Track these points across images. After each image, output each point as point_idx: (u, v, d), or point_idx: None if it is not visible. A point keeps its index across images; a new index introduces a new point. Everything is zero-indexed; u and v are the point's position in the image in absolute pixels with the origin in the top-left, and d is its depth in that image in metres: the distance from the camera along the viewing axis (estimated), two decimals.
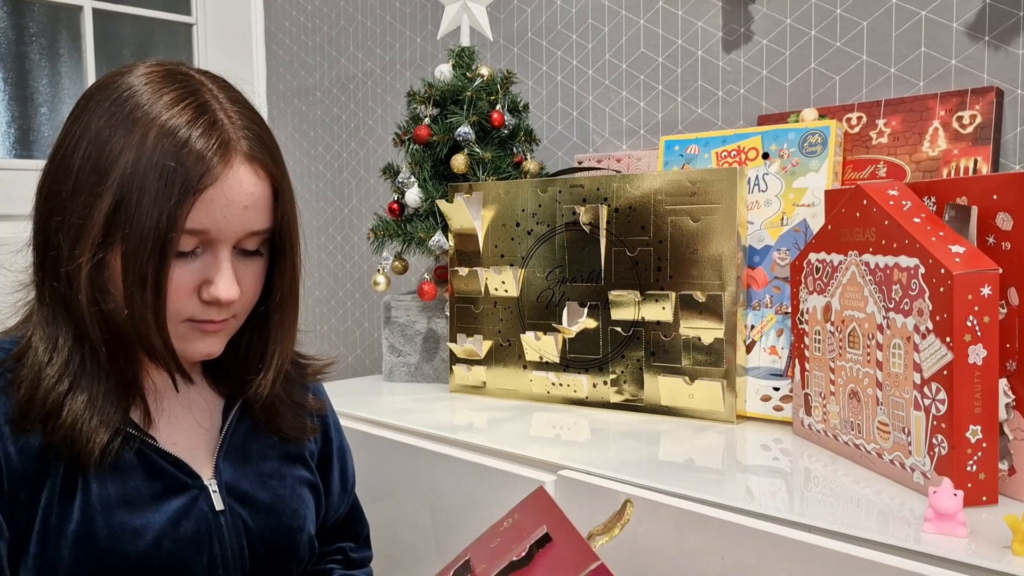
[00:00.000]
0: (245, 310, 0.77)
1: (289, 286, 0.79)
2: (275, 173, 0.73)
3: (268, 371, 0.80)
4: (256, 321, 0.80)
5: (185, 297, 0.71)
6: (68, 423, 0.69)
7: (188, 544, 0.74)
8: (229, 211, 0.70)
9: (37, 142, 2.09)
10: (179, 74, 0.73)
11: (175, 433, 0.78)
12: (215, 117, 0.70)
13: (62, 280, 0.70)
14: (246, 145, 0.71)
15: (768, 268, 1.11)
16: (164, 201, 0.67)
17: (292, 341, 0.82)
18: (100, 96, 0.72)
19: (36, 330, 0.72)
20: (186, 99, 0.70)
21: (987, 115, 1.08)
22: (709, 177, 1.10)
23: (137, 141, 0.68)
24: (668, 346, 1.13)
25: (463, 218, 1.30)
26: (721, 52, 1.38)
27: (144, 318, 0.69)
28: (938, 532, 0.69)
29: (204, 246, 0.71)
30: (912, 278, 0.80)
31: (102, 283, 0.69)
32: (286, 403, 0.85)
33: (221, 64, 2.26)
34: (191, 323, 0.73)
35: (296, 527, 0.83)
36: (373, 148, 2.03)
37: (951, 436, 0.75)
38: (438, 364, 1.42)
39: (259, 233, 0.73)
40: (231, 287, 0.72)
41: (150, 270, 0.68)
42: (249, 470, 0.81)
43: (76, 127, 0.71)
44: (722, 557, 0.76)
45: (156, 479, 0.74)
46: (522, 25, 1.68)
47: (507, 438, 1.04)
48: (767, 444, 1.00)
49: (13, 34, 2.07)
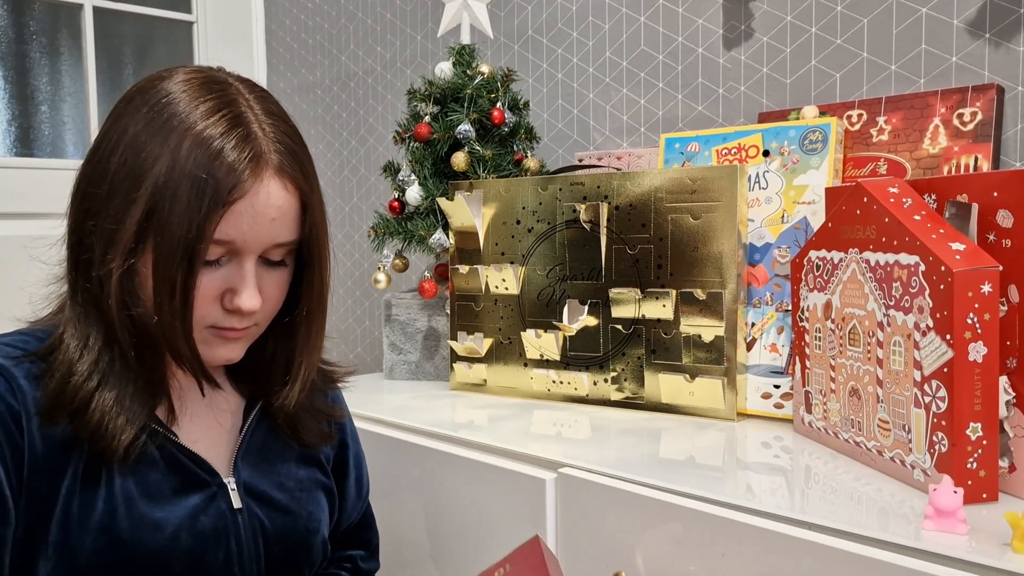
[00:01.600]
0: (267, 319, 0.78)
1: (317, 299, 0.80)
2: (304, 187, 0.74)
3: (295, 383, 0.81)
4: (282, 331, 0.81)
5: (208, 304, 0.72)
6: (96, 419, 0.70)
7: (206, 540, 0.75)
8: (256, 223, 0.71)
9: (37, 140, 2.10)
10: (217, 82, 0.74)
11: (196, 431, 0.79)
12: (249, 130, 0.71)
13: (94, 283, 0.71)
14: (277, 159, 0.72)
15: (769, 265, 1.11)
16: (194, 212, 0.68)
17: (319, 352, 0.83)
18: (139, 100, 0.73)
19: (68, 326, 0.73)
20: (222, 109, 0.71)
21: (988, 112, 1.08)
22: (710, 175, 1.10)
23: (172, 149, 0.69)
24: (669, 344, 1.13)
25: (463, 216, 1.30)
26: (722, 49, 1.38)
27: (172, 325, 0.70)
28: (938, 529, 0.69)
29: (229, 255, 0.72)
30: (912, 275, 0.80)
31: (132, 288, 0.70)
32: (308, 411, 0.86)
33: (221, 62, 2.25)
34: (213, 329, 0.74)
35: (311, 529, 0.83)
36: (374, 146, 2.03)
37: (951, 433, 0.75)
38: (439, 362, 1.42)
39: (284, 245, 0.74)
40: (254, 297, 0.73)
41: (179, 279, 0.69)
42: (267, 470, 0.82)
43: (114, 130, 0.72)
44: (723, 554, 0.76)
45: (176, 474, 0.75)
46: (522, 23, 1.68)
47: (508, 436, 1.04)
48: (768, 442, 1.00)
49: (13, 32, 2.07)
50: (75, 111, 2.14)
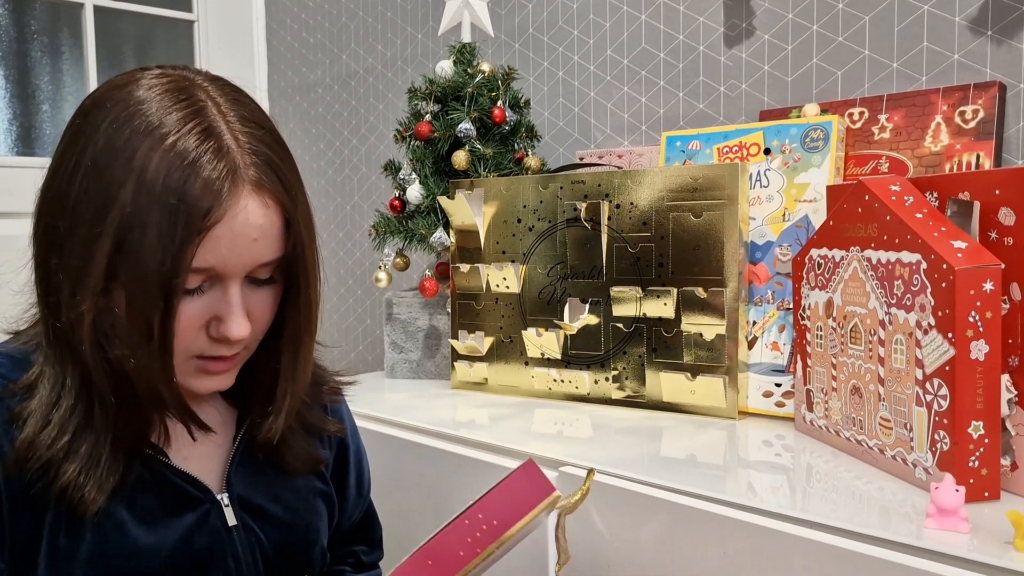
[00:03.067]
0: (256, 340, 0.73)
1: (304, 320, 0.72)
2: (286, 202, 0.67)
3: (278, 414, 0.75)
4: (266, 354, 0.74)
5: (193, 335, 0.66)
6: (64, 482, 0.64)
7: (202, 561, 0.71)
8: (236, 246, 0.64)
9: (39, 139, 2.10)
10: (184, 88, 0.66)
11: (185, 447, 0.75)
12: (221, 143, 0.64)
13: (64, 325, 0.65)
14: (254, 173, 0.65)
15: (770, 264, 1.11)
16: (167, 242, 0.61)
17: (305, 379, 0.76)
18: (97, 114, 0.65)
19: (45, 365, 0.67)
20: (190, 120, 0.63)
21: (990, 110, 1.07)
22: (711, 173, 1.10)
23: (137, 172, 0.61)
24: (670, 342, 1.13)
25: (464, 214, 1.30)
26: (723, 47, 1.38)
27: (150, 369, 0.64)
28: (940, 528, 0.69)
29: (211, 281, 0.66)
30: (914, 273, 0.80)
31: (107, 329, 0.64)
32: (297, 432, 0.80)
33: (222, 61, 2.26)
34: (199, 360, 0.68)
35: (311, 541, 0.80)
36: (374, 145, 2.03)
37: (953, 432, 0.75)
38: (440, 361, 1.42)
39: (271, 263, 0.68)
40: (242, 325, 0.66)
41: (156, 318, 0.62)
42: (262, 483, 0.77)
43: (71, 152, 0.65)
44: (724, 553, 0.76)
45: (168, 495, 0.71)
46: (523, 21, 1.68)
47: (509, 435, 1.04)
48: (769, 440, 1.00)
49: (14, 31, 2.07)
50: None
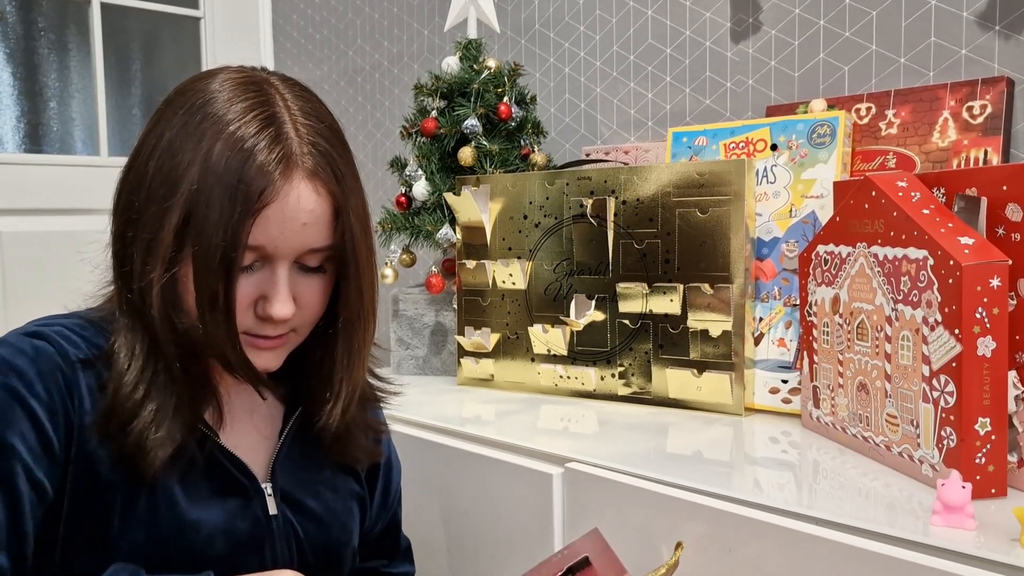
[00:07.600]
0: (306, 326, 0.76)
1: (356, 309, 0.75)
2: (336, 192, 0.71)
3: (336, 401, 0.78)
4: (323, 342, 0.78)
5: (242, 311, 0.70)
6: (131, 442, 0.68)
7: (241, 545, 0.74)
8: (286, 228, 0.69)
9: (46, 136, 2.10)
10: (255, 82, 0.72)
11: (236, 435, 0.78)
12: (281, 130, 0.69)
13: (136, 294, 0.70)
14: (310, 161, 0.69)
15: (776, 260, 1.11)
16: (227, 218, 0.66)
17: (362, 367, 0.80)
18: (177, 103, 0.71)
19: (119, 334, 0.71)
20: (255, 109, 0.69)
21: (997, 105, 1.07)
22: (717, 169, 1.09)
23: (204, 153, 0.67)
24: (676, 338, 1.13)
25: (470, 211, 1.30)
26: (729, 43, 1.37)
27: (217, 335, 0.68)
28: (946, 525, 0.69)
29: (262, 261, 0.70)
30: (921, 270, 0.79)
31: (175, 299, 0.69)
32: (360, 427, 0.83)
33: (229, 57, 2.26)
34: (247, 337, 0.72)
35: (344, 541, 0.82)
36: (381, 141, 2.03)
37: (960, 428, 0.75)
38: (446, 357, 1.42)
39: (320, 251, 0.72)
40: (286, 305, 0.70)
41: (220, 288, 0.67)
42: (303, 479, 0.80)
43: (152, 135, 0.71)
44: (730, 549, 0.76)
45: (216, 477, 0.74)
46: (529, 17, 1.68)
47: (515, 431, 1.04)
48: (775, 437, 1.00)
49: (22, 29, 2.08)
50: (83, 107, 2.15)
